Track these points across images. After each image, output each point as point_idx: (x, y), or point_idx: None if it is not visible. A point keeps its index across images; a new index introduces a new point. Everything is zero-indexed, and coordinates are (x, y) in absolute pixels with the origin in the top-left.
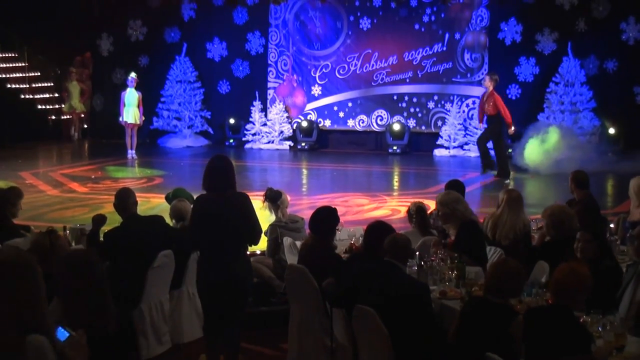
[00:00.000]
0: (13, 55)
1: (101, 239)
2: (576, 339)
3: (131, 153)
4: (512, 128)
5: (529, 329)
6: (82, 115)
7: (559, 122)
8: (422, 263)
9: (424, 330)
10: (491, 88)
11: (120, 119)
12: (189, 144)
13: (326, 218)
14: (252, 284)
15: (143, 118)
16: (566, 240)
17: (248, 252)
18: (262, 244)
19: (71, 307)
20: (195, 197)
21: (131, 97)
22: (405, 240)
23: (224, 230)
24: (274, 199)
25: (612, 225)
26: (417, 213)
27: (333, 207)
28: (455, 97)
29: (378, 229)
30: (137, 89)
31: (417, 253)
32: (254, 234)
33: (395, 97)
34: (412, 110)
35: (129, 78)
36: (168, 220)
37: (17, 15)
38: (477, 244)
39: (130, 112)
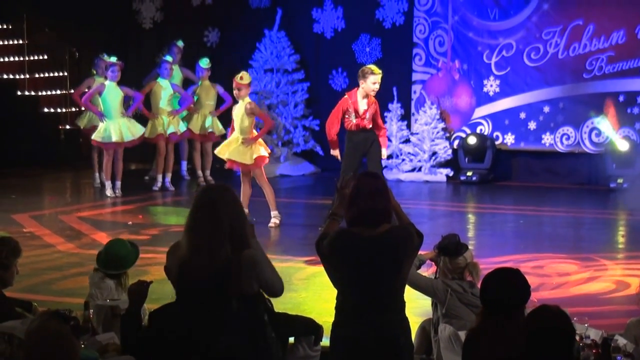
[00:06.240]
0: (4, 27)
1: (145, 321)
2: None
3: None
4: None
5: None
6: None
7: None
8: None
9: None
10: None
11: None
12: (284, 171)
13: (513, 285)
14: (412, 350)
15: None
16: None
17: None
18: None
19: None
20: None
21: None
22: None
23: (377, 280)
24: (454, 251)
25: None
26: None
27: (518, 269)
28: None
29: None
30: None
31: None
32: None
33: (622, 99)
34: None
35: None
36: None
37: None
38: None
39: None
